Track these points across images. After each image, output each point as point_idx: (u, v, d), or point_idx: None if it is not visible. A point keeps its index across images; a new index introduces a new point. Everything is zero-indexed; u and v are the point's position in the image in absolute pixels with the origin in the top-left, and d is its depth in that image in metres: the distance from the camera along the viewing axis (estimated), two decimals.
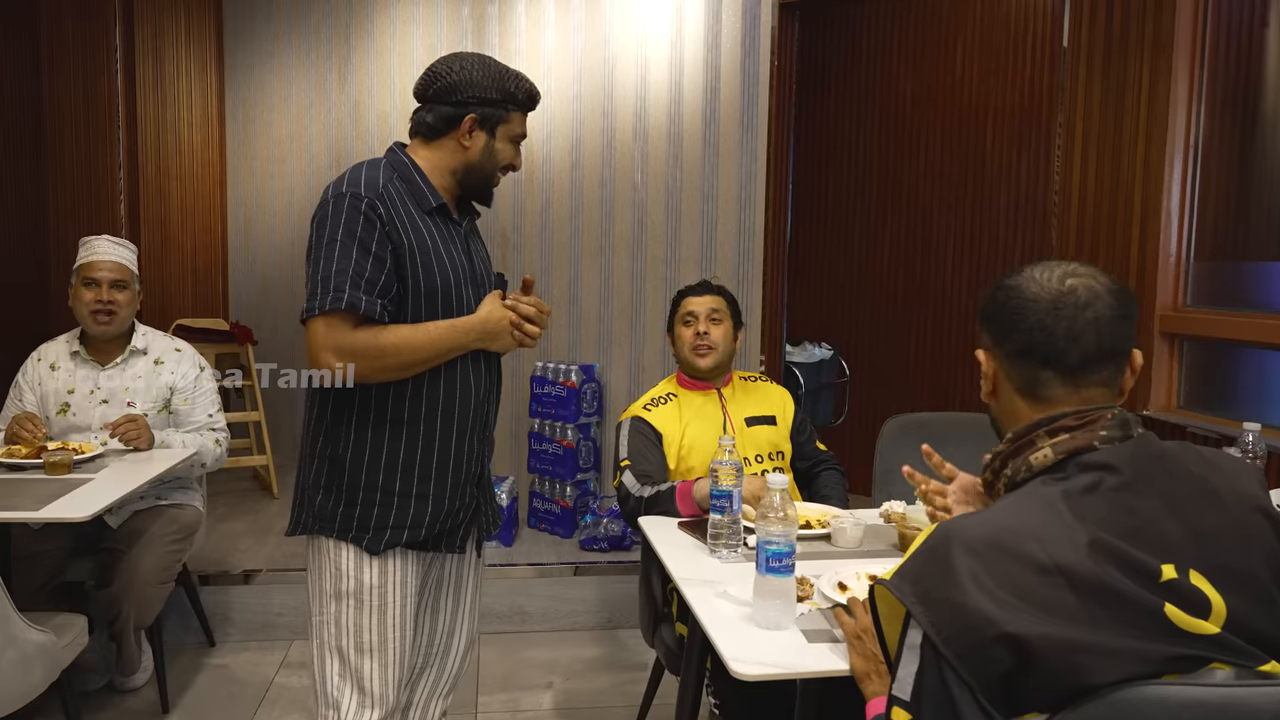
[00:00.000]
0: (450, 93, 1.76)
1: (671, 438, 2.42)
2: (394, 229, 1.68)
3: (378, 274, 1.65)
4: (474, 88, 1.76)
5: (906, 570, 1.08)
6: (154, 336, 2.95)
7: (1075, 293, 1.14)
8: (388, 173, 1.73)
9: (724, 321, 2.48)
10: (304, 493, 1.80)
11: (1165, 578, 1.00)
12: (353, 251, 1.64)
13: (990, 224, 4.26)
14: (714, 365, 2.46)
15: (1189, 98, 2.74)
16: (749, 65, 3.82)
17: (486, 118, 1.78)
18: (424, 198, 1.76)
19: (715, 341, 2.44)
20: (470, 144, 1.78)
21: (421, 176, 1.77)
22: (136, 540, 2.69)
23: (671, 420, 2.44)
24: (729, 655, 1.41)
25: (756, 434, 2.46)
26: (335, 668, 1.79)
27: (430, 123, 1.78)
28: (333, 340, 1.64)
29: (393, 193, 1.70)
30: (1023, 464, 1.13)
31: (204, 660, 3.17)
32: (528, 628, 3.47)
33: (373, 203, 1.66)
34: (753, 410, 2.50)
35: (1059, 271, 1.16)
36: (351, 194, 1.66)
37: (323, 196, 1.71)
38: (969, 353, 4.46)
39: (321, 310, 1.63)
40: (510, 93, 1.79)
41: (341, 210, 1.65)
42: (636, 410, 2.48)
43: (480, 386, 1.83)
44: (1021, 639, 0.97)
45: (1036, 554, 1.01)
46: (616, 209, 4.08)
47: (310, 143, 5.12)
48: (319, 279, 1.64)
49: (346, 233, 1.64)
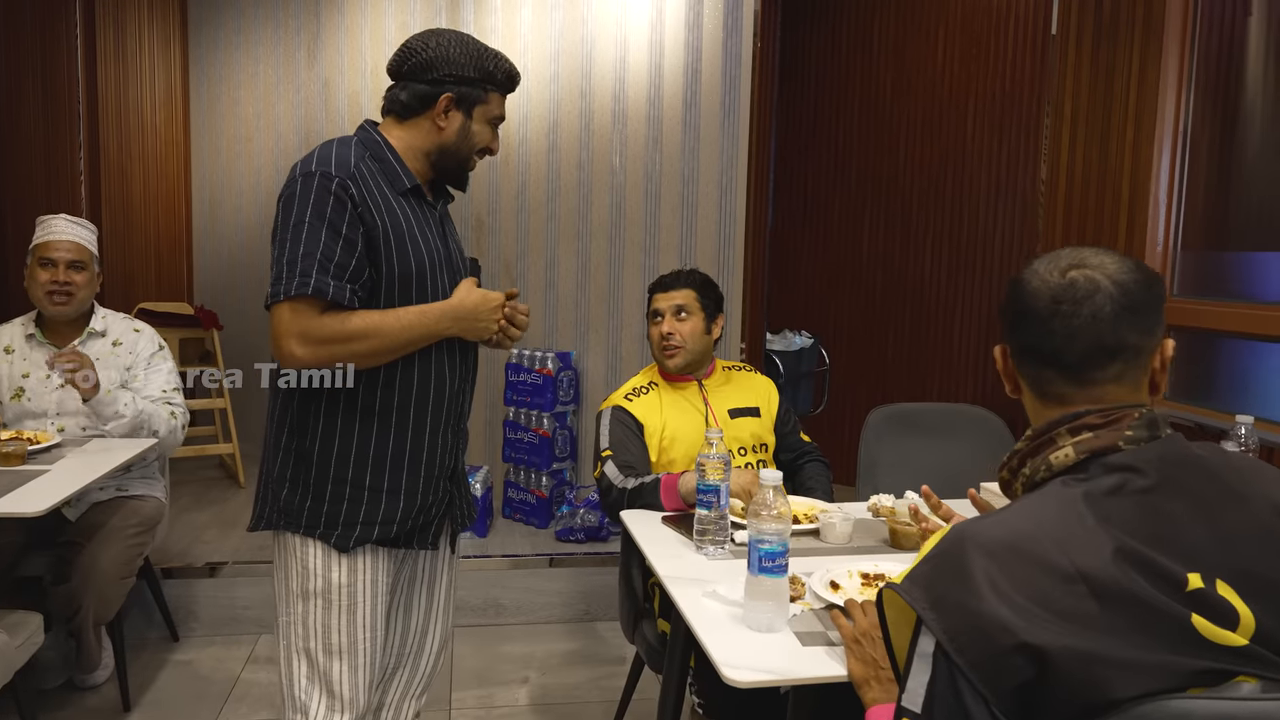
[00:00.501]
0: (426, 70, 1.67)
1: (653, 429, 2.35)
2: (366, 210, 1.59)
3: (348, 258, 1.57)
4: (451, 65, 1.67)
5: (918, 574, 1.02)
6: (114, 319, 2.84)
7: (1074, 286, 1.07)
8: (359, 151, 1.64)
9: (693, 316, 2.37)
10: (268, 486, 1.72)
11: (1191, 587, 0.95)
12: (321, 234, 1.55)
13: (970, 213, 4.22)
14: (684, 364, 2.37)
15: (1179, 84, 2.70)
16: (731, 46, 3.74)
17: (463, 97, 1.69)
18: (397, 178, 1.67)
19: (682, 340, 2.35)
20: (445, 124, 1.70)
21: (395, 156, 1.68)
22: (96, 533, 2.58)
23: (652, 411, 2.37)
24: (720, 660, 1.34)
25: (739, 426, 2.40)
26: (303, 670, 1.71)
27: (404, 101, 1.69)
28: (298, 326, 1.55)
29: (365, 172, 1.62)
30: (1042, 463, 1.07)
31: (167, 656, 3.07)
32: (502, 621, 3.39)
33: (344, 182, 1.57)
34: (736, 402, 2.43)
35: (1064, 263, 1.09)
36: (321, 173, 1.57)
37: (290, 174, 1.61)
38: (947, 342, 4.42)
39: (287, 295, 1.53)
40: (489, 72, 1.71)
41: (310, 190, 1.56)
42: (617, 399, 2.40)
43: (455, 376, 1.75)
44: (1041, 649, 0.91)
45: (1057, 559, 0.95)
46: (594, 193, 4.00)
47: (278, 122, 4.99)
48: (285, 262, 1.55)
49: (315, 214, 1.55)
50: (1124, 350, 1.07)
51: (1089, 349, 1.06)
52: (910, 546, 1.89)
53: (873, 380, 4.78)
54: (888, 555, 1.84)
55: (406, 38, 1.73)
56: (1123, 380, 1.07)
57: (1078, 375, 1.08)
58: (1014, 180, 3.90)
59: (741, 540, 1.86)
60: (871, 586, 1.63)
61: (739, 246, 3.80)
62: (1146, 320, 1.08)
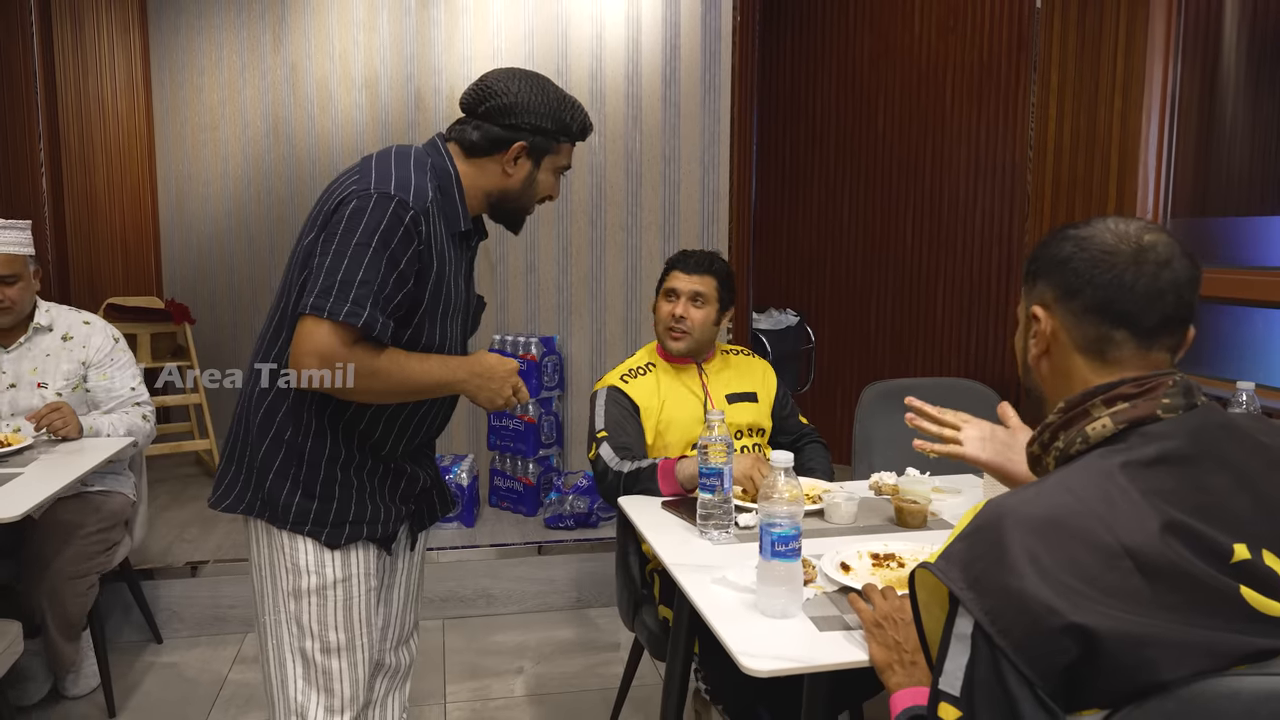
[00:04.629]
0: (503, 115, 1.62)
1: (649, 411, 2.30)
2: (428, 251, 1.55)
3: (396, 293, 1.52)
4: (530, 114, 1.62)
5: (954, 553, 0.97)
6: (59, 311, 2.74)
7: (1155, 249, 1.03)
8: (432, 181, 1.59)
9: (707, 305, 2.31)
10: (249, 470, 1.64)
11: (1237, 558, 0.92)
12: (382, 263, 1.48)
13: (950, 184, 4.19)
14: (686, 350, 2.32)
15: (1165, 50, 2.67)
16: (710, 20, 3.68)
17: (535, 147, 1.65)
18: (455, 220, 1.63)
19: (691, 327, 2.29)
20: (514, 172, 1.65)
21: (460, 193, 1.64)
22: (55, 532, 2.49)
23: (649, 393, 2.31)
24: (738, 650, 1.30)
25: (737, 411, 2.35)
26: (299, 671, 1.66)
27: (474, 140, 1.64)
28: (329, 348, 1.47)
29: (434, 211, 1.57)
30: (1077, 435, 1.03)
31: (152, 659, 3.00)
32: (494, 611, 3.35)
33: (417, 218, 1.52)
34: (734, 386, 2.38)
35: (1135, 226, 1.05)
36: (399, 200, 1.50)
37: (361, 182, 1.53)
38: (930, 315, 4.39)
39: (334, 317, 1.46)
40: (565, 124, 1.66)
41: (384, 214, 1.49)
42: (613, 380, 2.34)
43: (438, 418, 1.77)
44: (1089, 630, 0.87)
45: (1101, 534, 0.91)
46: (574, 173, 3.93)
47: (245, 109, 4.86)
48: (339, 280, 1.47)
49: (382, 241, 1.49)
50: (1186, 321, 1.05)
51: (1167, 313, 1.03)
52: (916, 525, 1.86)
53: (857, 356, 4.76)
54: (895, 534, 1.81)
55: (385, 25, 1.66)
56: (1173, 351, 1.05)
57: (1150, 339, 1.04)
58: (994, 151, 3.88)
59: (745, 524, 1.82)
60: (882, 566, 1.59)
61: (723, 224, 3.76)
62: (1197, 296, 1.06)
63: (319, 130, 4.61)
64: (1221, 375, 2.67)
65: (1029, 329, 1.13)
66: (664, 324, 2.33)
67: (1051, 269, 1.09)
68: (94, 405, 2.69)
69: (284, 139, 4.75)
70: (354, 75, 4.41)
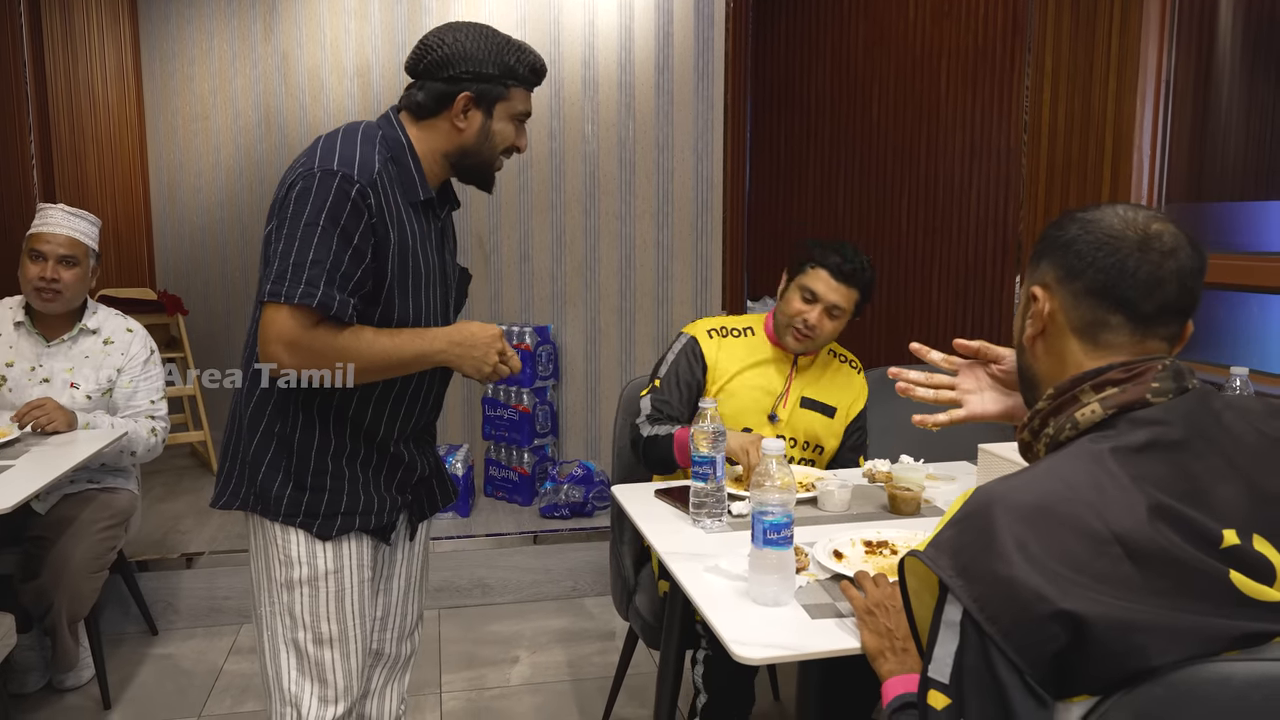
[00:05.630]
0: (443, 67, 1.57)
1: (718, 375, 2.20)
2: (380, 223, 1.51)
3: (354, 269, 1.48)
4: (469, 62, 1.57)
5: (943, 540, 0.97)
6: (106, 315, 2.73)
7: (1161, 237, 1.02)
8: (382, 153, 1.55)
9: (842, 318, 2.19)
10: (243, 465, 1.64)
11: (1227, 543, 0.91)
12: (333, 241, 1.46)
13: (945, 170, 4.17)
14: (803, 351, 2.22)
15: (1160, 32, 2.65)
16: (703, 7, 3.66)
17: (483, 95, 1.58)
18: (412, 188, 1.59)
19: (819, 336, 2.17)
20: (465, 125, 1.59)
21: (415, 161, 1.60)
22: (66, 528, 2.50)
23: (732, 357, 2.21)
24: (729, 638, 1.30)
25: (804, 417, 2.24)
26: (292, 662, 1.65)
27: (421, 101, 1.59)
28: (291, 333, 1.46)
29: (385, 181, 1.53)
30: (1067, 421, 1.02)
31: (147, 651, 2.99)
32: (489, 600, 3.35)
33: (364, 190, 1.48)
34: (818, 394, 2.26)
35: (1144, 214, 1.04)
36: (343, 175, 1.47)
37: (306, 162, 1.51)
38: (925, 302, 4.37)
39: (289, 300, 1.44)
40: (510, 67, 1.60)
41: (329, 191, 1.46)
42: (699, 330, 2.25)
43: (431, 397, 1.73)
44: (1078, 616, 0.87)
45: (1090, 521, 0.90)
46: (567, 162, 3.91)
47: (236, 98, 4.84)
48: (292, 263, 1.45)
49: (330, 218, 1.46)
50: (1186, 312, 1.04)
51: (1167, 302, 1.02)
52: (910, 512, 1.86)
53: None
54: (888, 521, 1.81)
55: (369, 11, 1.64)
56: (1170, 341, 1.04)
57: (1145, 326, 1.03)
58: (989, 137, 3.86)
59: (738, 512, 1.82)
60: (875, 554, 1.59)
61: (717, 212, 3.74)
62: (1201, 289, 1.04)
63: (311, 119, 4.59)
64: (1216, 361, 2.66)
65: (1027, 309, 1.12)
66: (791, 322, 2.18)
67: (1055, 250, 1.08)
68: (111, 410, 2.68)
69: (276, 128, 4.73)
70: (346, 64, 4.39)
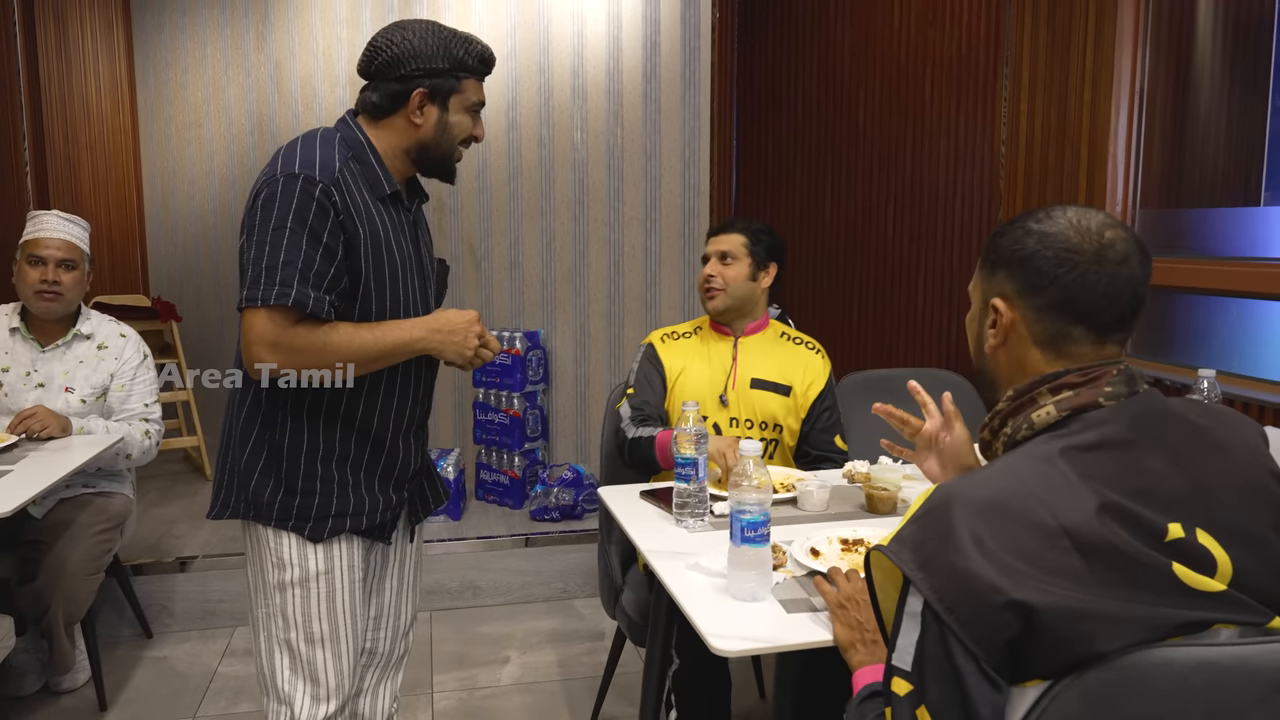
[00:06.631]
0: (393, 67, 1.62)
1: (672, 374, 2.34)
2: (348, 218, 1.55)
3: (327, 266, 1.52)
4: (419, 59, 1.61)
5: (905, 535, 1.02)
6: (100, 321, 2.78)
7: (1114, 247, 1.07)
8: (343, 153, 1.59)
9: (738, 262, 2.32)
10: (234, 475, 1.68)
11: (1171, 536, 0.96)
12: (302, 241, 1.50)
13: (930, 177, 4.23)
14: (724, 307, 2.33)
15: (1134, 42, 2.72)
16: (689, 18, 3.72)
17: (435, 90, 1.63)
18: (378, 183, 1.63)
19: (723, 283, 2.31)
20: (422, 121, 1.64)
21: (376, 158, 1.64)
22: (63, 531, 2.54)
23: (679, 356, 2.36)
24: (708, 631, 1.35)
25: (758, 399, 2.30)
26: (285, 662, 1.70)
27: (376, 101, 1.64)
28: (272, 335, 1.51)
29: (348, 177, 1.57)
30: (1024, 422, 1.08)
31: (142, 653, 3.03)
32: (480, 602, 3.39)
33: (327, 189, 1.52)
34: (766, 373, 2.32)
35: (1096, 221, 1.09)
36: (305, 176, 1.52)
37: (269, 171, 1.55)
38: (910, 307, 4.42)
39: (264, 303, 1.49)
40: (459, 59, 1.64)
41: (293, 194, 1.51)
42: (654, 338, 2.42)
43: (420, 384, 1.76)
44: (1029, 606, 0.92)
45: (1041, 516, 0.96)
46: (556, 170, 3.96)
47: (229, 107, 4.88)
48: (264, 267, 1.50)
49: (297, 219, 1.50)
50: (1138, 315, 1.10)
51: (1125, 311, 1.07)
52: (886, 511, 1.91)
53: (838, 347, 4.80)
54: (865, 520, 1.86)
55: (359, 19, 1.69)
56: (1124, 342, 1.09)
57: (1104, 333, 1.08)
58: (972, 144, 3.92)
59: (720, 512, 1.87)
60: (851, 551, 1.64)
61: (704, 219, 3.80)
62: (1149, 291, 1.11)
63: (304, 127, 4.63)
64: (1190, 364, 2.72)
65: (985, 316, 1.17)
66: (700, 289, 2.37)
67: (1013, 263, 1.12)
68: (105, 414, 2.73)
69: (269, 136, 4.77)
70: (338, 72, 4.43)
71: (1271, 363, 2.46)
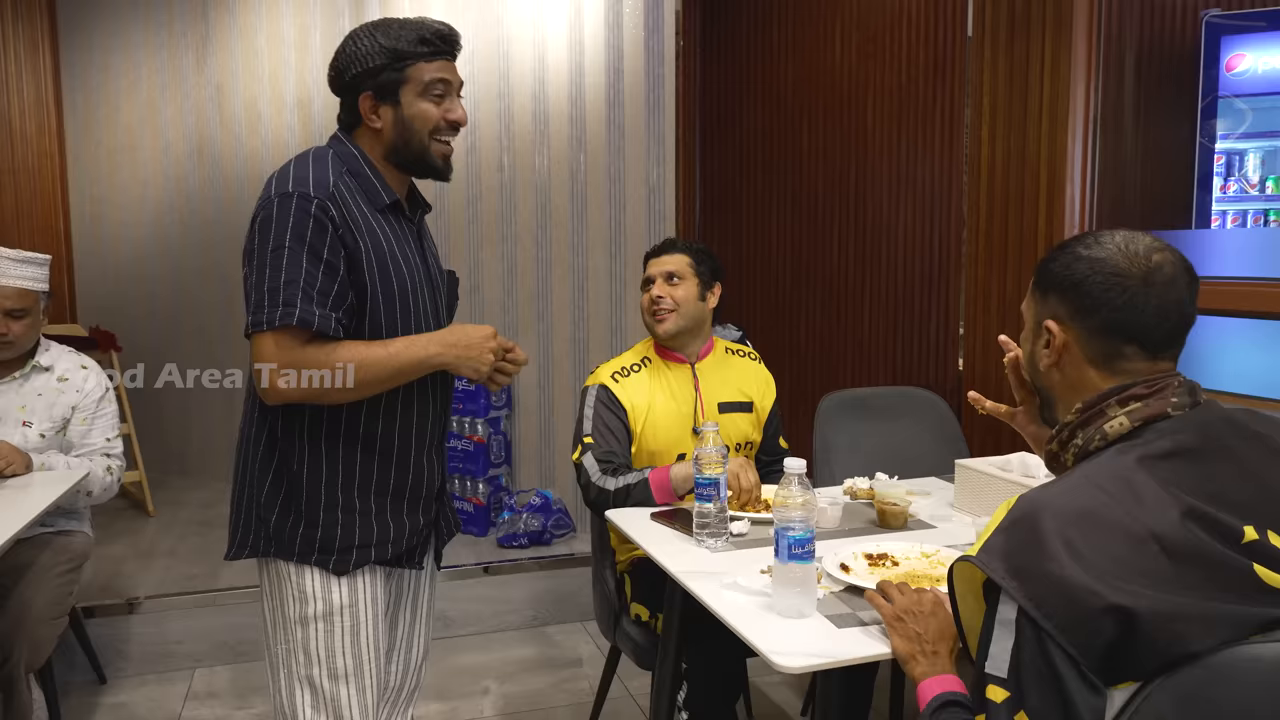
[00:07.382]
0: (341, 78, 1.61)
1: (637, 412, 2.24)
2: (347, 232, 1.51)
3: (330, 283, 1.49)
4: (357, 62, 1.58)
5: (993, 546, 1.06)
6: (60, 353, 2.64)
7: (1162, 269, 1.13)
8: (337, 167, 1.56)
9: (685, 282, 2.25)
10: (252, 512, 1.63)
11: (1248, 539, 1.02)
12: (303, 260, 1.47)
13: (874, 202, 4.35)
14: (675, 330, 2.25)
15: (1088, 73, 2.86)
16: (653, 44, 3.76)
17: (380, 89, 1.59)
18: (376, 195, 1.60)
19: (674, 304, 2.23)
20: (380, 123, 1.60)
21: (372, 170, 1.62)
22: (24, 573, 2.40)
23: (638, 392, 2.25)
24: (767, 649, 1.36)
25: (728, 422, 2.29)
26: (307, 699, 1.64)
27: (342, 116, 1.64)
28: (281, 358, 1.47)
29: (344, 191, 1.54)
30: (1095, 433, 1.13)
31: (97, 700, 2.88)
32: (452, 633, 3.32)
33: (323, 204, 1.49)
34: (728, 394, 2.32)
35: (1144, 245, 1.15)
36: (300, 194, 1.49)
37: (264, 195, 1.52)
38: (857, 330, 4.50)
39: (270, 325, 1.46)
40: (395, 49, 1.58)
41: (289, 212, 1.48)
42: (603, 377, 2.27)
43: (436, 400, 1.72)
44: (1127, 609, 0.96)
45: (1128, 523, 1.01)
46: (518, 194, 3.95)
47: (165, 129, 4.73)
48: (266, 290, 1.46)
49: (295, 238, 1.47)
50: (1187, 330, 1.16)
51: (1175, 328, 1.14)
52: (898, 525, 1.95)
53: (787, 370, 4.88)
54: (882, 535, 1.90)
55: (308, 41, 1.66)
56: (1176, 359, 1.16)
57: (1156, 352, 1.14)
58: (914, 170, 4.05)
59: (738, 531, 1.88)
60: (878, 566, 1.68)
61: None
62: (1196, 307, 1.17)
63: (248, 151, 4.52)
64: None
65: (1039, 336, 1.23)
66: (648, 312, 2.28)
67: (1065, 288, 1.18)
68: (65, 449, 2.59)
69: (209, 160, 4.64)
70: (285, 95, 4.34)
71: (1215, 374, 2.60)
